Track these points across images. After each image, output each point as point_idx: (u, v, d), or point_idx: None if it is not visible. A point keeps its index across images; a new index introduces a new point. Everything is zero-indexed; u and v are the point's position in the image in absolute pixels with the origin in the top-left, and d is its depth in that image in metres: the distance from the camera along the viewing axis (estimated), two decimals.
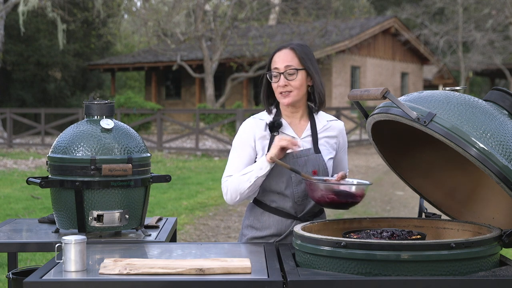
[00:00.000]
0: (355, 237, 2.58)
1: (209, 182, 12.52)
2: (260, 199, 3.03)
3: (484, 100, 2.54)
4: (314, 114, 3.06)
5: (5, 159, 16.73)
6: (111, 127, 3.11)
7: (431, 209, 3.07)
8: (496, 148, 2.29)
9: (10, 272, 3.38)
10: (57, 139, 3.17)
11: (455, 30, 33.34)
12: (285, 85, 2.93)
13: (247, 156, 3.00)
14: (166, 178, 3.27)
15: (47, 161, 3.16)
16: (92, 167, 3.01)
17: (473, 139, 2.30)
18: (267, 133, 3.00)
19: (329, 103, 26.55)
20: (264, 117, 3.06)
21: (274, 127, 2.98)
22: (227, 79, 25.86)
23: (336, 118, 3.12)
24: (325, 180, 2.85)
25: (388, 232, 2.61)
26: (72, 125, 3.18)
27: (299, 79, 2.94)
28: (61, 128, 21.15)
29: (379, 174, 13.96)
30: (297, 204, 2.96)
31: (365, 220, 2.85)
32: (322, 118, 3.07)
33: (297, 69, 2.93)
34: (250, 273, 2.33)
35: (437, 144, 2.73)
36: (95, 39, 30.29)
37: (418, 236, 2.58)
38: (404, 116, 2.42)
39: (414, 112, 2.38)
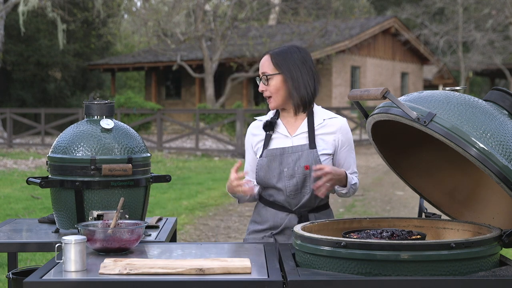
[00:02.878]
0: (355, 237, 2.58)
1: (209, 182, 12.52)
2: (262, 194, 3.16)
3: (484, 100, 2.54)
4: (314, 111, 3.13)
5: (5, 159, 16.73)
6: (111, 127, 3.11)
7: (431, 209, 3.07)
8: (496, 148, 2.29)
9: (10, 272, 3.39)
10: (57, 139, 3.17)
11: (455, 30, 33.35)
12: (263, 90, 3.10)
13: (250, 156, 3.20)
14: (166, 178, 3.27)
15: (47, 161, 3.16)
16: (92, 167, 3.01)
17: (473, 139, 2.30)
18: (262, 132, 3.15)
19: (329, 103, 26.55)
20: (268, 115, 3.23)
21: (267, 126, 3.13)
22: (227, 79, 25.86)
23: (336, 116, 3.15)
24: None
25: (388, 232, 2.61)
26: (72, 125, 3.18)
27: (274, 84, 3.07)
28: (61, 128, 21.13)
29: (379, 174, 13.96)
30: (289, 197, 3.05)
31: (365, 220, 2.85)
32: (320, 116, 3.13)
33: (271, 75, 3.07)
34: (250, 273, 2.33)
35: (437, 144, 2.73)
36: (95, 39, 30.29)
37: (418, 236, 2.58)
38: (404, 116, 2.42)
39: (414, 112, 2.38)
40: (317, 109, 3.15)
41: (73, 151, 3.05)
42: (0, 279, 5.54)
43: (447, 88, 2.58)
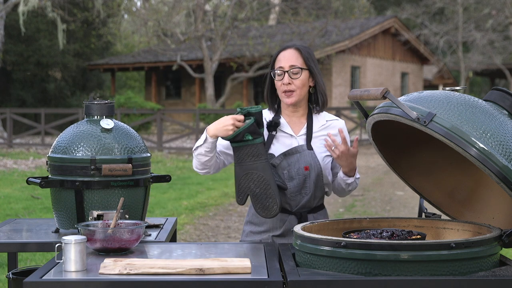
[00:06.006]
0: (355, 237, 2.58)
1: (209, 182, 12.52)
2: None
3: (484, 100, 2.54)
4: (314, 114, 3.13)
5: (5, 159, 16.72)
6: (111, 127, 3.12)
7: (431, 209, 3.07)
8: (496, 148, 2.29)
9: (10, 272, 3.38)
10: (57, 139, 3.17)
11: (455, 30, 33.37)
12: (289, 83, 3.02)
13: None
14: (166, 178, 3.27)
15: (47, 161, 3.16)
16: (92, 167, 3.01)
17: (473, 139, 2.30)
18: (266, 131, 3.08)
19: (329, 103, 26.55)
20: (266, 114, 3.15)
21: (272, 126, 3.07)
22: (227, 79, 25.86)
23: (337, 118, 3.18)
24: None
25: (388, 232, 2.61)
26: (72, 125, 3.18)
27: (302, 78, 3.04)
28: (61, 128, 21.15)
29: (379, 174, 13.96)
30: (290, 199, 3.03)
31: (365, 220, 2.85)
32: (322, 118, 3.15)
33: (301, 69, 3.03)
34: (250, 273, 2.33)
35: (437, 144, 2.73)
36: (95, 39, 30.28)
37: (418, 236, 2.58)
38: (404, 116, 2.42)
39: (414, 112, 2.38)
40: (321, 112, 3.18)
41: (73, 151, 3.05)
42: (0, 279, 5.54)
43: (447, 88, 2.58)
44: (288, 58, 3.03)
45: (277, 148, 3.05)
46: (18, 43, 27.79)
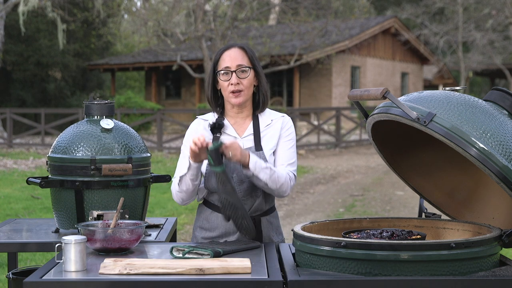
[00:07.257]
0: (355, 237, 2.58)
1: None
2: (208, 199, 3.02)
3: (484, 100, 2.54)
4: (258, 114, 3.05)
5: (5, 159, 16.72)
6: (111, 127, 3.12)
7: (431, 209, 3.07)
8: (496, 148, 2.29)
9: (10, 272, 3.38)
10: (57, 139, 3.17)
11: (455, 30, 33.36)
12: (237, 83, 2.93)
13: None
14: (166, 178, 3.27)
15: (47, 161, 3.16)
16: (92, 167, 3.01)
17: (473, 139, 2.30)
18: (208, 133, 3.00)
19: (329, 103, 26.55)
20: (209, 117, 3.07)
21: (216, 128, 2.98)
22: None
23: (283, 115, 3.08)
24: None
25: (388, 232, 2.61)
26: (72, 125, 3.18)
27: (250, 78, 2.97)
28: (61, 128, 21.13)
29: (379, 174, 13.95)
30: (243, 203, 2.86)
31: (365, 220, 2.85)
32: (267, 117, 3.05)
33: (249, 68, 2.96)
34: (250, 273, 2.33)
35: (437, 144, 2.73)
36: (95, 39, 30.27)
37: (418, 236, 2.58)
38: (404, 116, 2.42)
39: (414, 112, 2.38)
40: (266, 110, 3.09)
41: (73, 151, 3.05)
42: (0, 279, 5.54)
43: (447, 88, 2.58)
44: (234, 58, 2.95)
45: None
46: (18, 43, 27.79)
